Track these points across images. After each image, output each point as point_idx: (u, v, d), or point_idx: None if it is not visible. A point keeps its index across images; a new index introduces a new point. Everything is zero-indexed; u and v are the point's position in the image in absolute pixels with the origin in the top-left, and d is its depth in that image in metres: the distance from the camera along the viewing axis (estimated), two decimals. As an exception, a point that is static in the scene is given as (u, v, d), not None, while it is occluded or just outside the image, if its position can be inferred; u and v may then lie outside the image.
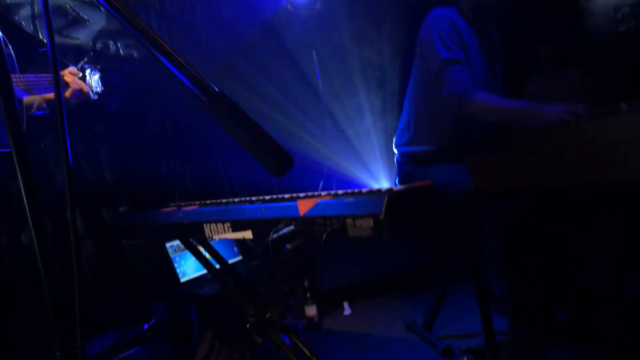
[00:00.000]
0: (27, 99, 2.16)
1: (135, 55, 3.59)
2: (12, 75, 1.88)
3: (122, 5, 0.77)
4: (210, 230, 2.27)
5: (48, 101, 2.28)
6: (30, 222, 0.94)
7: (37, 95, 2.18)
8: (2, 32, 1.75)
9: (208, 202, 2.57)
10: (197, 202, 2.59)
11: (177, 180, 3.81)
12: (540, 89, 4.01)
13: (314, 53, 4.10)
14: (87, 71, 2.52)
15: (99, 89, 2.61)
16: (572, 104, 2.09)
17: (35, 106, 2.22)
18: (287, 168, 0.67)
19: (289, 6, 4.10)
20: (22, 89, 1.96)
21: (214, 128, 3.83)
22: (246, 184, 3.95)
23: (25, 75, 1.99)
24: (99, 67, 2.58)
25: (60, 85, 0.94)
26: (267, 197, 2.34)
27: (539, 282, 2.12)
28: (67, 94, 2.36)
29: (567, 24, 3.53)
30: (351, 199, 1.87)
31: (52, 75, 2.13)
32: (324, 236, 1.81)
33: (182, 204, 2.64)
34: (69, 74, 2.37)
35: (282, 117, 3.90)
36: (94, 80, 2.56)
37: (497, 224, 2.20)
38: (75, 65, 2.45)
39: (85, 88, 2.41)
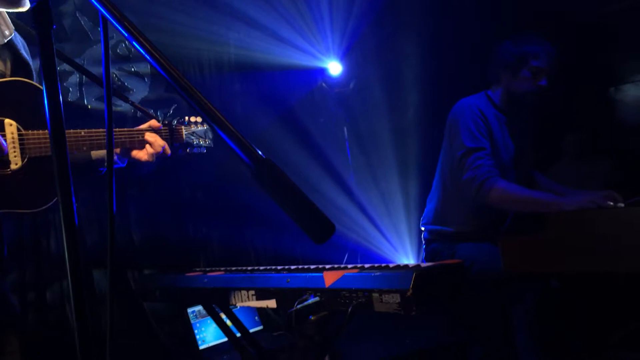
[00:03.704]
0: (95, 153, 1.87)
1: (173, 123, 3.73)
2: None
3: (179, 74, 0.83)
4: (235, 297, 2.26)
5: (120, 155, 1.94)
6: (69, 280, 0.94)
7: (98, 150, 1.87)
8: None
9: (233, 268, 2.58)
10: (223, 269, 2.59)
11: (202, 245, 3.84)
12: (569, 177, 4.01)
13: (345, 129, 4.22)
14: (175, 122, 2.14)
15: (203, 143, 2.20)
16: (594, 194, 2.10)
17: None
18: (329, 235, 0.69)
19: (323, 84, 4.27)
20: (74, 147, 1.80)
21: (241, 195, 3.93)
22: (270, 253, 3.95)
23: (76, 131, 1.74)
24: (195, 120, 2.18)
25: (112, 145, 0.99)
26: (292, 267, 2.34)
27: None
28: (144, 155, 1.94)
29: (597, 112, 3.59)
30: (378, 273, 1.86)
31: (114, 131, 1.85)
32: (350, 309, 1.79)
33: (208, 269, 2.64)
34: (150, 134, 1.96)
35: (310, 189, 3.96)
36: (195, 133, 2.17)
37: (527, 305, 2.16)
38: (158, 116, 2.16)
39: (167, 148, 1.98)
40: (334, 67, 4.21)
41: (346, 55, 4.21)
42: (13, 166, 1.64)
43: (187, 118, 2.17)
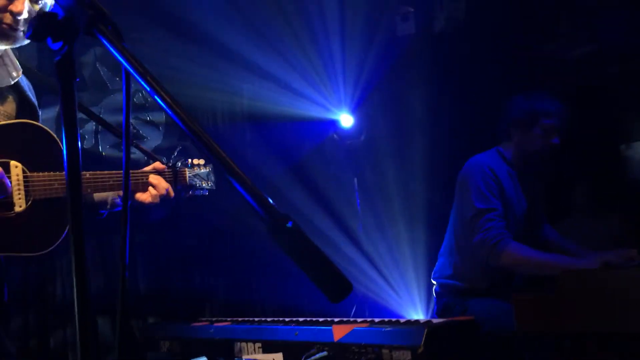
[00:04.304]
0: (97, 195, 1.87)
1: (177, 165, 3.77)
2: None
3: (198, 126, 0.84)
4: (241, 349, 2.22)
5: (122, 197, 1.84)
6: (77, 325, 0.92)
7: (104, 192, 1.87)
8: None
9: (240, 319, 2.55)
10: (229, 319, 2.56)
11: (208, 293, 3.81)
12: (580, 232, 3.97)
13: (355, 180, 4.23)
14: (179, 164, 2.08)
15: (206, 185, 2.15)
16: (607, 253, 2.08)
17: (109, 203, 1.91)
18: (346, 295, 0.68)
19: (335, 136, 4.31)
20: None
21: (249, 242, 3.92)
22: (277, 302, 3.91)
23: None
24: (197, 162, 2.14)
25: (128, 190, 0.99)
26: (300, 319, 2.31)
27: None
28: (148, 198, 1.89)
29: (608, 169, 3.59)
30: (388, 329, 1.83)
31: (116, 173, 1.84)
32: (359, 366, 1.75)
33: (214, 319, 2.62)
34: (154, 176, 1.92)
35: (319, 240, 3.93)
36: (198, 175, 2.12)
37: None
38: (168, 160, 2.06)
39: (171, 190, 1.94)
40: (346, 119, 4.27)
41: (358, 107, 4.27)
42: (17, 208, 1.62)
43: (190, 160, 2.14)
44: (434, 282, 2.73)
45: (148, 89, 0.84)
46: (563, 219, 4.07)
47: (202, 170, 2.16)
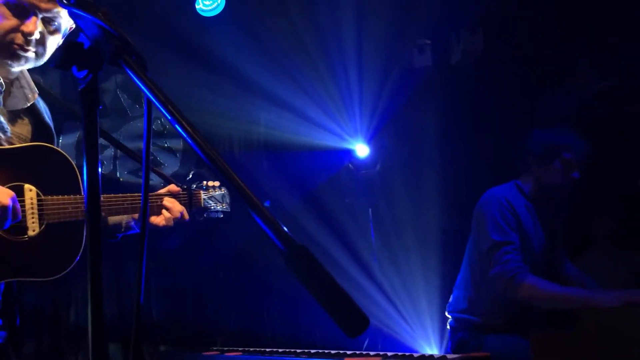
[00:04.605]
0: (112, 219, 1.87)
1: (192, 188, 3.79)
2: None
3: (216, 155, 0.84)
4: (252, 380, 2.20)
5: (137, 220, 1.87)
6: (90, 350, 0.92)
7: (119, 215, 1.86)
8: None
9: (251, 350, 2.53)
10: (240, 349, 2.54)
11: (220, 321, 3.78)
12: (597, 267, 3.90)
13: (370, 211, 4.22)
14: (194, 187, 2.07)
15: (220, 207, 2.14)
16: (626, 292, 2.03)
17: (123, 226, 1.89)
18: (362, 330, 0.67)
19: (350, 165, 4.32)
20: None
21: (262, 271, 3.90)
22: (288, 332, 3.87)
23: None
24: (212, 184, 2.12)
25: (146, 222, 1.00)
26: (312, 351, 2.29)
27: None
28: (162, 221, 1.88)
29: (629, 203, 3.54)
30: (402, 363, 1.80)
31: (131, 196, 1.85)
32: (372, 401, 1.72)
33: (225, 349, 2.60)
34: (169, 199, 1.92)
35: (334, 269, 3.90)
36: (213, 197, 2.11)
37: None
38: (183, 183, 2.05)
39: (186, 213, 1.92)
40: (361, 149, 4.28)
41: (373, 138, 4.28)
42: (30, 232, 1.60)
43: (205, 183, 2.12)
44: (449, 316, 2.69)
45: (169, 117, 0.86)
46: (582, 253, 4.00)
47: (217, 193, 2.15)
